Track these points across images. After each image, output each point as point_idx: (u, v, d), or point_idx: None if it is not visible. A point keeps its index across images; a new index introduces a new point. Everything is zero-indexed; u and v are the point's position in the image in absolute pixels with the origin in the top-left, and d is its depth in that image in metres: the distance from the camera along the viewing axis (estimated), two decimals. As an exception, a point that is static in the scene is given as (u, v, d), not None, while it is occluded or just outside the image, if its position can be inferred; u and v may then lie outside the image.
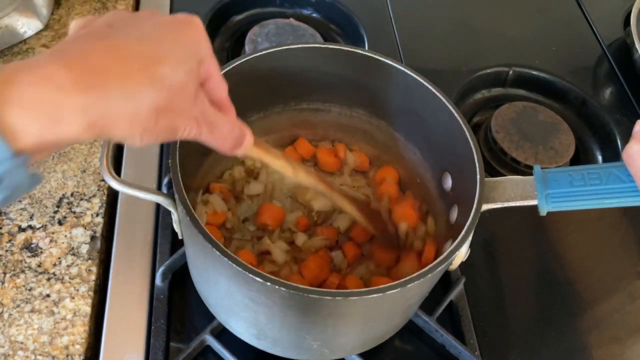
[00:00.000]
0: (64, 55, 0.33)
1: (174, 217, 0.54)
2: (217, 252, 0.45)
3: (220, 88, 0.43)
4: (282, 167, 0.53)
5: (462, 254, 0.51)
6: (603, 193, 0.50)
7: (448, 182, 0.62)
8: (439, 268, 0.47)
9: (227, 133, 0.43)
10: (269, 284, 0.44)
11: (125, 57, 0.34)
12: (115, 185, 0.50)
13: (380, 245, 0.64)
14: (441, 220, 0.63)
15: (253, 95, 0.63)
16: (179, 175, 0.49)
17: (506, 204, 0.52)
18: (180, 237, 0.57)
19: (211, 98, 0.42)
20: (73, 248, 0.65)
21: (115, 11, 0.39)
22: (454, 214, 0.59)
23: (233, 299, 0.51)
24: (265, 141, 0.52)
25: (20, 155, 0.31)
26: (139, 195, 0.51)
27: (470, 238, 0.50)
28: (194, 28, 0.39)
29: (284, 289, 0.44)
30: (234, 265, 0.44)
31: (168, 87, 0.35)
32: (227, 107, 0.45)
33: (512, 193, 0.52)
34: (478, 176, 0.52)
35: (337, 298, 0.45)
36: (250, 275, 0.44)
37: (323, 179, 0.59)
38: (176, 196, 0.49)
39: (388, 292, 0.45)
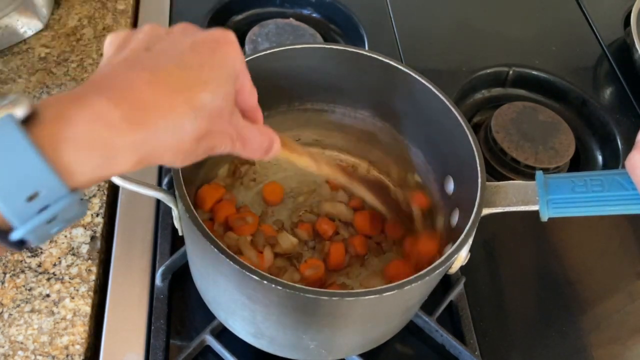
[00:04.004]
0: (109, 87, 0.33)
1: (174, 213, 0.54)
2: (216, 250, 0.45)
3: (252, 97, 0.44)
4: (306, 164, 0.55)
5: (462, 257, 0.51)
6: (605, 200, 0.49)
7: (450, 186, 0.61)
8: (437, 271, 0.47)
9: (258, 145, 0.44)
10: (265, 282, 0.44)
11: (168, 87, 0.34)
12: (116, 180, 0.51)
13: (394, 225, 0.66)
14: (443, 223, 0.63)
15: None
16: (180, 171, 0.49)
17: (507, 209, 0.52)
18: (180, 234, 0.57)
19: (242, 107, 0.43)
20: (73, 248, 0.65)
21: (149, 27, 0.38)
22: (455, 217, 0.59)
23: (231, 297, 0.51)
24: (288, 136, 0.52)
25: (76, 193, 0.32)
26: (140, 190, 0.51)
27: (470, 242, 0.50)
28: (230, 46, 0.39)
29: (280, 288, 0.44)
30: (232, 263, 0.44)
31: (208, 115, 0.36)
32: (256, 113, 0.45)
33: (513, 198, 0.52)
34: (479, 180, 0.52)
35: (334, 298, 0.45)
36: (248, 274, 0.44)
37: (344, 170, 0.61)
38: (176, 192, 0.49)
39: (385, 294, 0.45)
